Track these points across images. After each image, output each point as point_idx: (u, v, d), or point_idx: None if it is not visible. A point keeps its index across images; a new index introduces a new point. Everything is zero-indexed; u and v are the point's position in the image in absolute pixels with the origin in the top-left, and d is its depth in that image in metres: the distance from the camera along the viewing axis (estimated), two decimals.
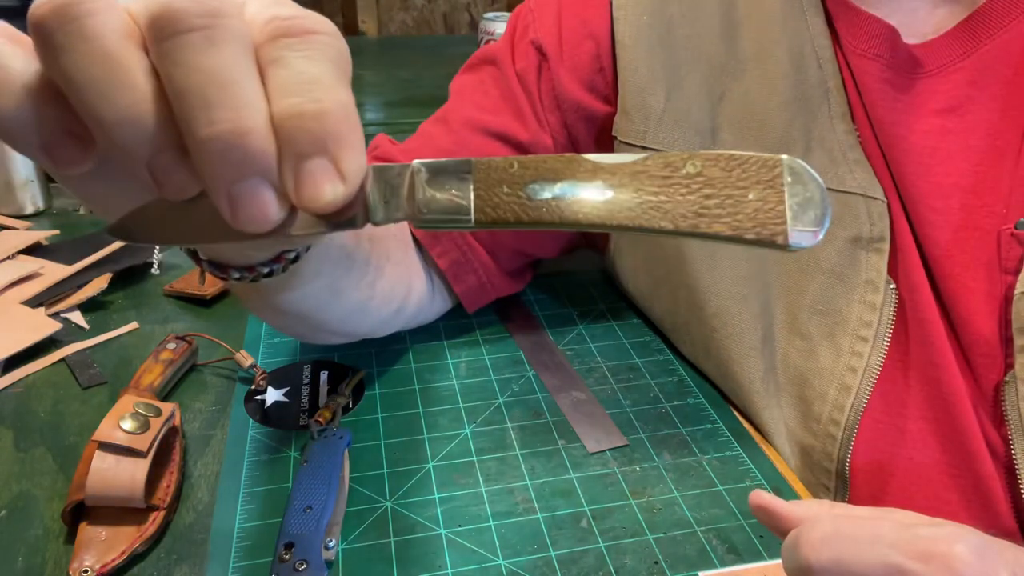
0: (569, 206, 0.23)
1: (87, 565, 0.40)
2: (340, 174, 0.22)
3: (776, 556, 0.42)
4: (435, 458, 0.49)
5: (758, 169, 0.22)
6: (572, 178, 0.23)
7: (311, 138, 0.22)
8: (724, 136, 0.52)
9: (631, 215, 0.22)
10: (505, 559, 0.42)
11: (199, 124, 0.21)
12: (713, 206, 0.22)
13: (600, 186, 0.23)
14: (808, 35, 0.49)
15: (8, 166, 0.79)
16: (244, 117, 0.21)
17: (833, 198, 0.48)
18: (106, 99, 0.21)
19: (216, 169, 0.22)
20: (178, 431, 0.49)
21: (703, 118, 0.53)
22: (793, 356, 0.49)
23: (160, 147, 0.22)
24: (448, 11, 1.74)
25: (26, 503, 0.45)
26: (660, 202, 0.22)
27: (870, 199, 0.47)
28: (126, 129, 0.22)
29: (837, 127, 0.48)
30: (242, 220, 0.22)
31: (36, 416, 0.52)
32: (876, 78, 0.48)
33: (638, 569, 0.42)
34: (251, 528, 0.43)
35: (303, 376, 0.56)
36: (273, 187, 0.22)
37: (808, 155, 0.49)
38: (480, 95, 0.59)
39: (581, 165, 0.23)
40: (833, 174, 0.48)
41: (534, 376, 0.57)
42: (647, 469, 0.49)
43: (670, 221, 0.22)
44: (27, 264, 0.68)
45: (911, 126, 0.47)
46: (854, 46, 0.48)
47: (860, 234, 0.47)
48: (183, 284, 0.67)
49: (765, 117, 0.50)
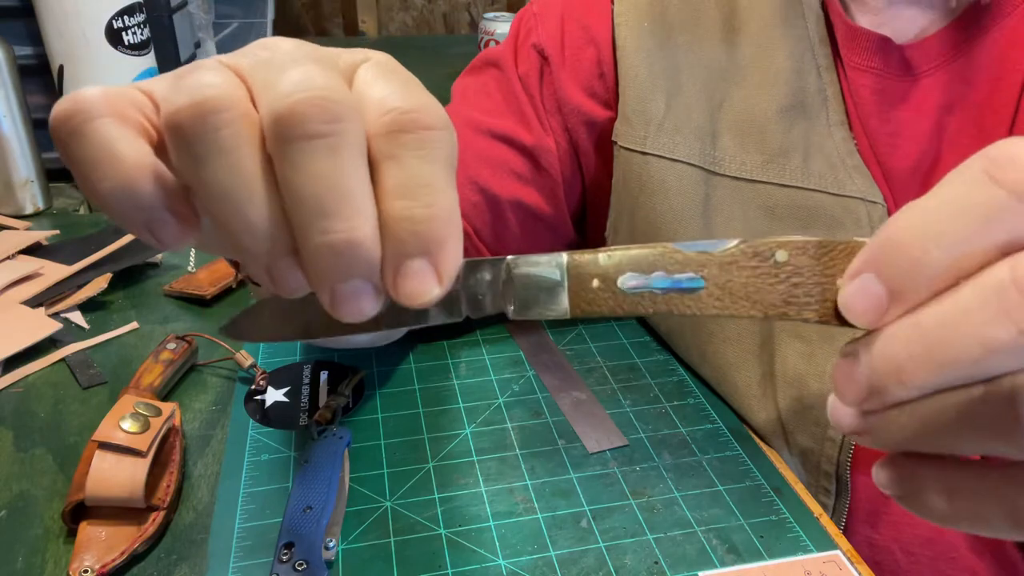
0: (662, 298, 0.23)
1: (87, 565, 0.40)
2: (438, 275, 0.23)
3: (776, 557, 0.43)
4: (435, 458, 0.49)
5: (846, 256, 0.22)
6: (663, 269, 0.23)
7: (417, 241, 0.22)
8: (724, 141, 0.52)
9: (722, 305, 0.23)
10: (505, 559, 0.42)
11: (314, 232, 0.21)
12: (802, 295, 0.22)
13: (691, 277, 0.23)
14: (808, 43, 0.50)
15: (8, 166, 0.79)
16: (356, 227, 0.21)
17: (834, 203, 0.48)
18: (236, 212, 0.22)
19: (323, 272, 0.22)
20: (178, 431, 0.49)
21: (703, 124, 0.53)
22: (792, 359, 0.49)
23: (279, 254, 0.23)
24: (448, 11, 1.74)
25: (26, 503, 0.45)
26: (750, 292, 0.23)
27: (870, 203, 0.47)
28: (249, 238, 0.22)
29: (835, 134, 0.48)
30: (342, 314, 0.23)
31: (36, 416, 0.52)
32: (870, 90, 0.48)
33: (638, 569, 0.42)
34: (251, 528, 0.43)
35: (303, 376, 0.56)
36: (373, 285, 0.23)
37: (808, 161, 0.49)
38: (483, 97, 0.59)
39: (671, 257, 0.23)
40: (833, 179, 0.48)
41: (534, 376, 0.57)
42: (647, 469, 0.49)
43: (760, 310, 0.23)
44: (27, 264, 0.68)
45: (903, 137, 0.48)
46: (849, 59, 0.49)
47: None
48: (183, 284, 0.67)
49: (765, 123, 0.50)
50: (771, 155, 0.50)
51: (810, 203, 0.49)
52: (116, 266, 0.68)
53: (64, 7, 0.74)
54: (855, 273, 0.20)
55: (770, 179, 0.50)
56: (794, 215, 0.49)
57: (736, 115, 0.52)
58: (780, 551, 0.43)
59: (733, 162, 0.51)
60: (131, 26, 0.77)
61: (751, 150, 0.51)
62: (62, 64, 0.76)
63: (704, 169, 0.52)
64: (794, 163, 0.49)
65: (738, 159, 0.51)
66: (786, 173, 0.49)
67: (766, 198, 0.50)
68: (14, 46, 0.78)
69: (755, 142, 0.51)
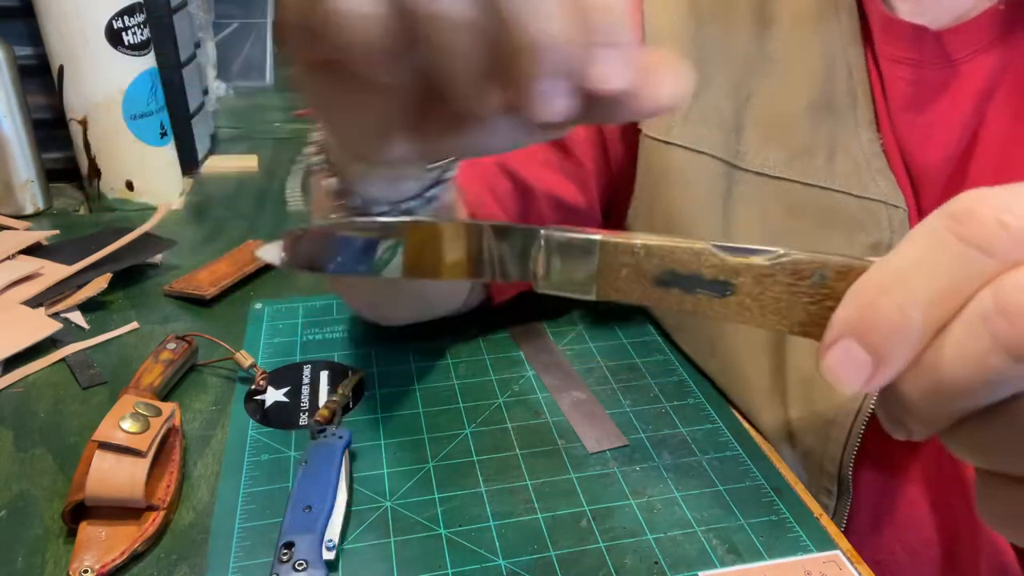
0: (690, 298, 0.23)
1: (87, 565, 0.40)
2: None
3: (776, 557, 0.43)
4: (435, 458, 0.49)
5: None
6: (697, 272, 0.22)
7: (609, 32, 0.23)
8: (749, 136, 0.52)
9: (748, 315, 0.22)
10: (505, 559, 0.42)
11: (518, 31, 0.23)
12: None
13: (724, 282, 0.22)
14: (840, 40, 0.49)
15: (8, 166, 0.79)
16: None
17: (856, 204, 0.47)
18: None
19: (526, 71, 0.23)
20: (178, 431, 0.49)
21: (728, 117, 0.52)
22: (805, 357, 0.49)
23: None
24: None
25: (26, 503, 0.45)
26: (780, 308, 0.22)
27: (892, 207, 0.46)
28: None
29: (862, 135, 0.48)
30: (545, 113, 0.24)
31: (36, 416, 0.52)
32: (906, 82, 0.47)
33: (638, 569, 0.42)
34: (251, 528, 0.43)
35: (303, 376, 0.56)
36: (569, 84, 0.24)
37: (832, 160, 0.49)
38: None
39: (708, 259, 0.22)
40: (857, 181, 0.48)
41: (534, 376, 0.57)
42: (647, 469, 0.49)
43: (787, 326, 0.22)
44: (27, 264, 0.68)
45: (938, 127, 0.47)
46: (884, 51, 0.48)
47: (880, 241, 0.47)
48: (183, 284, 0.67)
49: (791, 120, 0.50)
50: (796, 152, 0.50)
51: (832, 203, 0.48)
52: (116, 266, 0.68)
53: (64, 7, 0.74)
54: (834, 339, 0.20)
55: (793, 177, 0.49)
56: (815, 214, 0.49)
57: (763, 110, 0.51)
58: (780, 551, 0.43)
59: (757, 157, 0.51)
60: (131, 26, 0.77)
61: (775, 146, 0.51)
62: (62, 64, 0.76)
63: (727, 163, 0.52)
64: (818, 162, 0.49)
65: (762, 154, 0.51)
66: (809, 172, 0.49)
67: (788, 196, 0.50)
68: (14, 46, 0.78)
69: (780, 138, 0.50)
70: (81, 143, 0.80)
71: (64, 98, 0.78)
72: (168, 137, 0.85)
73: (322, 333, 0.62)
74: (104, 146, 0.80)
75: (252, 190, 0.90)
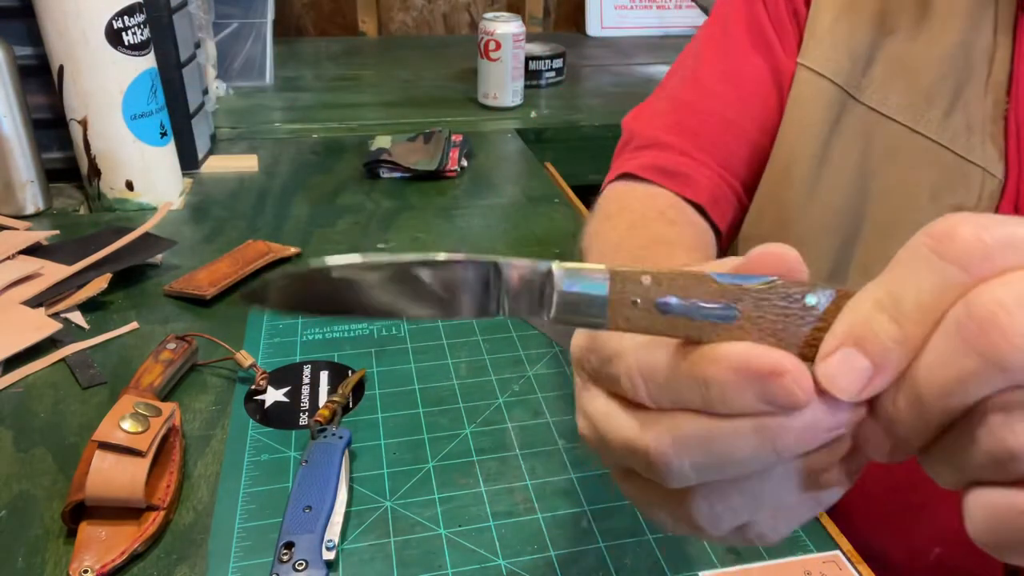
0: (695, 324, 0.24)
1: (87, 565, 0.40)
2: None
3: (776, 556, 0.43)
4: (435, 458, 0.49)
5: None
6: (699, 297, 0.23)
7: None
8: (876, 70, 0.51)
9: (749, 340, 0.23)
10: (505, 559, 0.42)
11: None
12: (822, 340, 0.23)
13: (726, 307, 0.23)
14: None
15: (8, 166, 0.79)
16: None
17: (954, 163, 0.47)
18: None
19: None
20: (178, 431, 0.49)
21: (862, 48, 0.52)
22: None
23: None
24: (448, 11, 1.74)
25: (26, 503, 0.45)
26: (777, 330, 0.23)
27: (989, 175, 0.46)
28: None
29: (988, 97, 0.47)
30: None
31: (36, 416, 0.52)
32: None
33: (638, 569, 0.42)
34: (251, 528, 0.43)
35: (303, 376, 0.56)
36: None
37: (948, 116, 0.48)
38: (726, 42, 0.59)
39: (708, 285, 0.23)
40: (965, 140, 0.47)
41: (534, 376, 0.57)
42: None
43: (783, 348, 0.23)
44: (27, 264, 0.68)
45: None
46: None
47: (964, 205, 0.46)
48: (183, 284, 0.67)
49: (921, 65, 0.49)
50: (916, 98, 0.49)
51: (932, 157, 0.48)
52: (116, 266, 0.68)
53: (64, 7, 0.74)
54: (834, 348, 0.22)
55: (905, 121, 0.49)
56: (911, 163, 0.48)
57: (897, 49, 0.51)
58: (780, 551, 0.43)
59: (876, 93, 0.51)
60: (131, 26, 0.77)
61: (899, 87, 0.50)
62: (62, 64, 0.76)
63: (845, 91, 0.52)
64: (934, 113, 0.48)
65: (881, 91, 0.51)
66: (922, 121, 0.49)
67: (893, 138, 0.49)
68: (14, 46, 0.78)
69: (906, 80, 0.50)
70: (81, 143, 0.80)
71: (64, 98, 0.78)
72: (168, 137, 0.85)
73: (322, 333, 0.62)
74: (104, 146, 0.80)
75: (252, 190, 0.90)
